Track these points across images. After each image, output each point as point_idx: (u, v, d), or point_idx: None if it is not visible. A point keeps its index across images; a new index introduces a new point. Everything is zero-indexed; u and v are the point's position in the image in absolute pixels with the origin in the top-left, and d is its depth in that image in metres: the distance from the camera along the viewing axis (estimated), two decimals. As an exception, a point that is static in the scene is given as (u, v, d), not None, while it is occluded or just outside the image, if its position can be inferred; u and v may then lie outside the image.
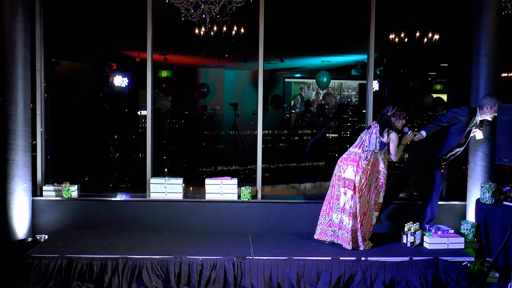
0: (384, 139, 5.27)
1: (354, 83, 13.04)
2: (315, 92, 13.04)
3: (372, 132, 5.34)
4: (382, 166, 5.29)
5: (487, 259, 5.27)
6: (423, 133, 5.49)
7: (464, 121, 5.54)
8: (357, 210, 5.19)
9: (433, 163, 5.67)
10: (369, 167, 5.22)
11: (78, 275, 4.71)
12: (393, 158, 5.31)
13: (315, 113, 11.25)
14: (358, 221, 5.20)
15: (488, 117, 5.58)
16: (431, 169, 5.68)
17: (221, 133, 11.48)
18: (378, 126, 5.33)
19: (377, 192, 5.28)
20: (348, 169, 5.27)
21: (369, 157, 5.25)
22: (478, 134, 5.70)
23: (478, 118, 5.59)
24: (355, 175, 5.21)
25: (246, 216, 6.06)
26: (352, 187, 5.22)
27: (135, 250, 5.00)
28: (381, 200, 5.34)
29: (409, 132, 5.39)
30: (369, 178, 5.23)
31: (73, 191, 6.13)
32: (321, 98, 12.87)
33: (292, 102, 12.92)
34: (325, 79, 11.06)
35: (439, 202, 6.20)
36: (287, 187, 8.38)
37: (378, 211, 5.36)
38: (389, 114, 5.33)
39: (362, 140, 5.36)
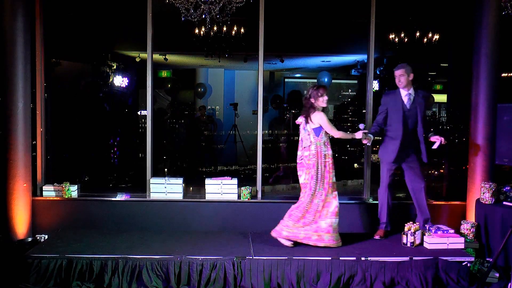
0: (315, 125, 5.22)
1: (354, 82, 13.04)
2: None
3: (301, 129, 5.34)
4: (324, 149, 5.23)
5: (487, 259, 5.27)
6: (370, 136, 5.45)
7: (392, 104, 5.47)
8: (316, 205, 5.24)
9: (399, 160, 5.54)
10: (313, 160, 5.21)
11: (78, 275, 4.71)
12: (334, 135, 5.27)
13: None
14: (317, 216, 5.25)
15: (399, 87, 5.48)
16: (410, 167, 5.57)
17: (221, 133, 11.49)
18: (303, 118, 5.30)
19: (328, 174, 5.25)
20: (300, 176, 5.34)
21: (313, 150, 5.22)
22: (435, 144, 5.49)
23: (401, 90, 5.48)
24: (304, 178, 5.29)
25: (246, 216, 6.06)
26: (307, 187, 5.29)
27: (135, 250, 5.00)
28: (334, 179, 5.31)
29: (361, 126, 5.41)
30: (318, 168, 5.21)
31: (73, 191, 6.13)
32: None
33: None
34: (326, 79, 11.08)
35: (439, 202, 6.22)
36: (287, 187, 8.37)
37: (335, 191, 5.30)
38: (307, 96, 5.29)
39: (300, 141, 5.37)
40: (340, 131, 5.32)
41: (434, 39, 8.24)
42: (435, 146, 5.43)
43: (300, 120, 5.34)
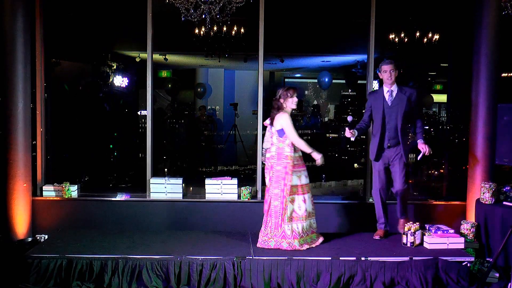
0: (278, 126, 5.10)
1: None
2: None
3: (267, 131, 5.26)
4: (287, 151, 5.09)
5: (487, 259, 5.27)
6: (355, 131, 5.31)
7: (374, 101, 5.38)
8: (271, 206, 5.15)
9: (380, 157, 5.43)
10: (273, 161, 5.11)
11: (78, 275, 4.71)
12: (293, 141, 5.07)
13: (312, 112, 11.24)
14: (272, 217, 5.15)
15: (386, 83, 5.35)
16: (393, 168, 5.45)
17: (221, 133, 11.49)
18: (270, 119, 5.19)
19: (288, 176, 5.07)
20: (266, 178, 5.26)
21: (273, 151, 5.12)
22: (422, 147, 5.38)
23: (384, 88, 5.37)
24: (267, 182, 5.22)
25: (246, 216, 6.06)
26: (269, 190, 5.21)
27: (135, 250, 5.00)
28: (296, 183, 5.13)
29: (349, 119, 5.26)
30: (276, 170, 5.09)
31: (73, 191, 6.13)
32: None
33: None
34: (326, 79, 11.09)
35: (439, 202, 6.23)
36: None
37: (298, 195, 5.15)
38: (277, 97, 5.16)
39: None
40: (302, 141, 5.10)
41: (434, 39, 8.24)
42: (419, 157, 5.38)
43: (267, 121, 5.25)
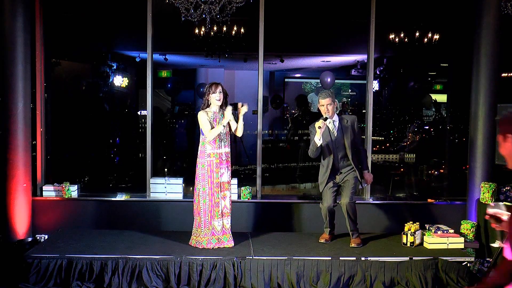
0: (200, 125, 5.16)
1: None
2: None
3: None
4: (209, 148, 5.13)
5: (487, 259, 5.27)
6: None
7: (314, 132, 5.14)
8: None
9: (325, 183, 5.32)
10: (198, 160, 5.16)
11: (78, 275, 4.71)
12: (208, 138, 5.11)
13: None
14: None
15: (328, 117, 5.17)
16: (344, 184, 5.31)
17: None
18: None
19: (214, 174, 5.14)
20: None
21: (201, 148, 5.16)
22: (367, 179, 5.35)
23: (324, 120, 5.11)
24: None
25: (246, 216, 6.06)
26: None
27: (135, 250, 5.00)
28: (223, 179, 5.19)
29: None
30: (200, 167, 5.15)
31: (73, 191, 6.13)
32: None
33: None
34: (329, 80, 11.07)
35: (439, 202, 6.23)
36: (287, 187, 8.37)
37: (226, 191, 5.22)
38: (204, 93, 5.24)
39: None
40: (214, 133, 5.08)
41: (434, 39, 8.23)
42: (362, 186, 5.40)
43: None
